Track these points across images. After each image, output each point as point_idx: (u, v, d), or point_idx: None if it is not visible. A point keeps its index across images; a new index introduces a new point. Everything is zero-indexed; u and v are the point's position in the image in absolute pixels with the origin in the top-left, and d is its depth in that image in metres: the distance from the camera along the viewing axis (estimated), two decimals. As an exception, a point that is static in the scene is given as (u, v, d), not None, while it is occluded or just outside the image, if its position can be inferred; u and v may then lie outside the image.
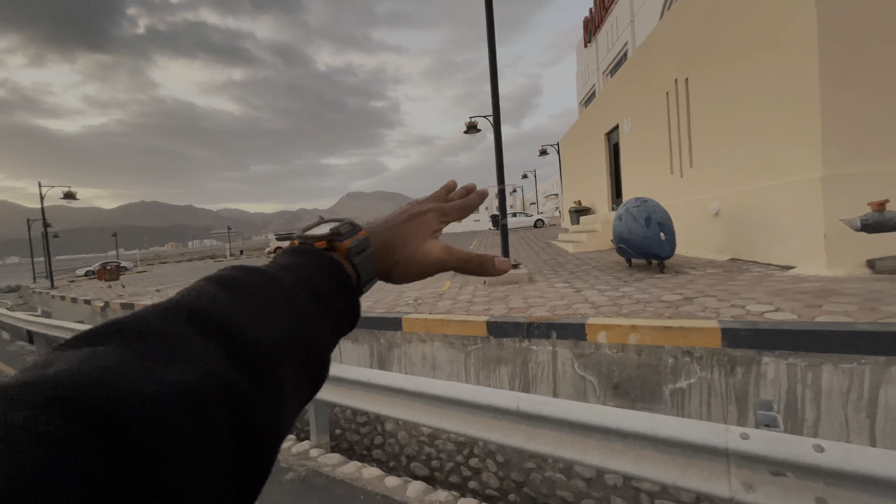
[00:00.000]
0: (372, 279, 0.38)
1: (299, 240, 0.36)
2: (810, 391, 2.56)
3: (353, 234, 0.37)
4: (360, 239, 0.37)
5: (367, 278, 0.37)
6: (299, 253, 0.35)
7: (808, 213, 4.64)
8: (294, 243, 0.36)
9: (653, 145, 8.77)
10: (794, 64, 4.80)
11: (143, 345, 0.21)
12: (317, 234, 0.36)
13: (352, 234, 0.37)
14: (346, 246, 0.36)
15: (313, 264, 0.34)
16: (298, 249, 0.35)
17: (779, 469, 1.42)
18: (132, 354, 0.20)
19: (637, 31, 18.66)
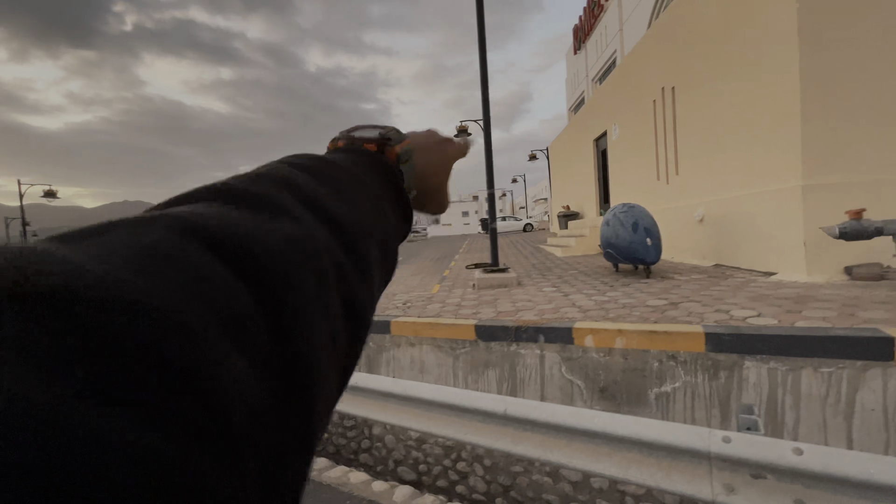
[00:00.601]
0: (410, 191, 0.37)
1: (345, 140, 0.35)
2: (790, 395, 2.62)
3: (400, 140, 0.35)
4: (407, 147, 0.36)
5: (408, 188, 0.36)
6: (352, 151, 0.34)
7: (789, 220, 4.76)
8: (339, 143, 0.35)
9: (640, 152, 8.91)
10: (776, 75, 4.93)
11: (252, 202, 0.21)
12: (366, 137, 0.35)
13: (399, 140, 0.35)
14: (395, 151, 0.35)
15: (367, 162, 0.32)
16: (349, 148, 0.34)
17: (759, 471, 1.46)
18: (243, 210, 0.20)
19: (626, 40, 18.98)
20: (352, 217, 0.26)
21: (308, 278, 0.19)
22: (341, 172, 0.29)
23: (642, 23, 17.09)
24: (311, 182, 0.26)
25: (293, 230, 0.20)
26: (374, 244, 0.27)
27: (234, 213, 0.19)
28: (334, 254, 0.22)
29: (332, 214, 0.24)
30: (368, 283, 0.25)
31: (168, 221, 0.17)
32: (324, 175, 0.27)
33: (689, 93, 6.91)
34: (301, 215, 0.22)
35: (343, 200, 0.26)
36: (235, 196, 0.21)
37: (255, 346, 0.16)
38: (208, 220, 0.18)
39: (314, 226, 0.22)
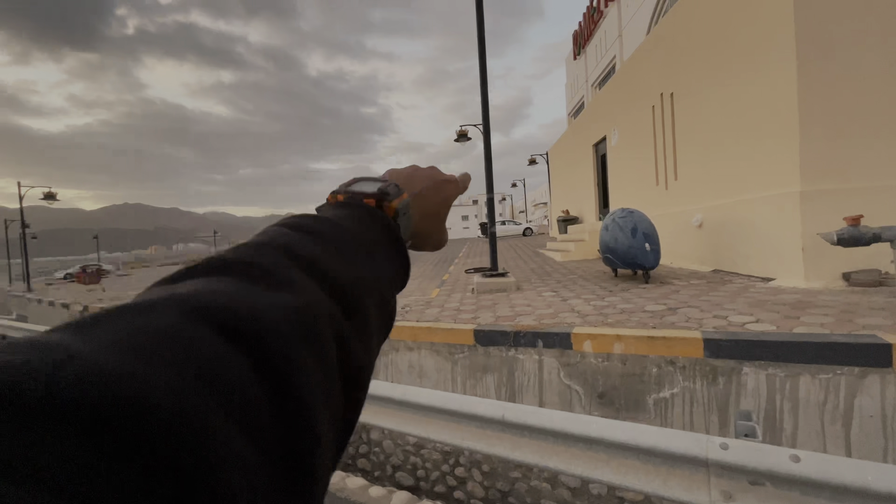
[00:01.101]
0: (407, 241, 0.38)
1: (345, 195, 0.36)
2: (788, 401, 2.62)
3: (398, 195, 0.37)
4: (405, 202, 0.37)
5: (405, 240, 0.38)
6: (351, 206, 0.35)
7: (787, 226, 4.77)
8: (339, 198, 0.36)
9: (639, 157, 8.94)
10: (774, 81, 4.96)
11: (253, 274, 0.22)
12: (366, 191, 0.36)
13: (398, 195, 0.37)
14: (393, 207, 0.36)
15: (368, 218, 0.34)
16: (349, 203, 0.35)
17: (757, 479, 1.45)
18: (245, 282, 0.21)
19: (625, 46, 19.09)
20: (352, 278, 0.26)
21: (309, 354, 0.20)
22: (342, 232, 0.30)
23: (641, 29, 17.20)
24: (313, 245, 0.27)
25: (296, 301, 0.21)
26: (373, 303, 0.28)
27: (240, 287, 0.20)
28: (335, 320, 0.23)
29: (334, 278, 0.25)
30: (367, 344, 0.26)
31: (179, 304, 0.18)
32: (325, 237, 0.28)
33: (687, 98, 6.94)
34: (303, 284, 0.23)
35: (344, 261, 0.27)
36: (241, 268, 0.22)
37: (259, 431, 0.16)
38: (217, 299, 0.19)
39: (316, 293, 0.23)
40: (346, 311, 0.24)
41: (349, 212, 0.34)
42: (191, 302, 0.18)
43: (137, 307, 0.17)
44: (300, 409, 0.18)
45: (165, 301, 0.18)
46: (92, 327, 0.16)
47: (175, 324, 0.17)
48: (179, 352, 0.16)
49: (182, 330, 0.17)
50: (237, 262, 0.22)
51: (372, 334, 0.27)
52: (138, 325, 0.16)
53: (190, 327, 0.17)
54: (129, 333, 0.16)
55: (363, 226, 0.32)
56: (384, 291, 0.30)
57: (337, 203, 0.35)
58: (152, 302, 0.18)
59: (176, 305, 0.18)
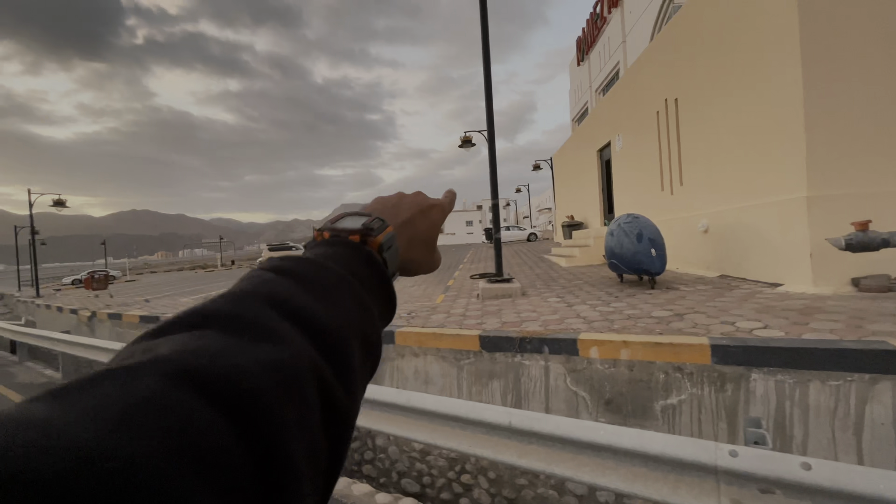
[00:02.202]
0: (396, 272, 0.39)
1: (330, 232, 0.37)
2: (798, 408, 2.59)
3: (383, 229, 0.37)
4: (390, 235, 0.38)
5: (393, 271, 0.38)
6: (336, 244, 0.35)
7: (794, 231, 4.74)
8: (325, 235, 0.36)
9: (644, 162, 8.93)
10: (780, 86, 4.95)
11: (236, 327, 0.22)
12: (350, 228, 0.37)
13: (382, 229, 0.37)
14: (378, 241, 0.36)
15: (354, 256, 0.34)
16: (334, 241, 0.36)
17: (767, 487, 1.44)
18: (228, 336, 0.21)
19: (629, 51, 19.14)
20: (336, 323, 0.27)
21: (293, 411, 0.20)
22: (325, 273, 0.30)
23: (645, 34, 17.24)
24: (296, 291, 0.27)
25: (279, 355, 0.21)
26: (357, 344, 0.28)
27: (222, 343, 0.20)
28: (319, 371, 0.23)
29: (318, 325, 0.25)
30: (351, 388, 0.26)
31: (160, 368, 0.18)
32: (308, 280, 0.28)
33: (692, 104, 6.94)
34: (286, 335, 0.23)
35: (328, 305, 0.27)
36: (223, 322, 0.22)
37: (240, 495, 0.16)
38: (198, 360, 0.19)
39: (299, 344, 0.23)
40: (331, 359, 0.24)
41: (334, 250, 0.34)
42: (172, 365, 0.18)
43: (118, 373, 0.17)
44: (284, 473, 0.18)
45: (146, 365, 0.18)
46: (71, 395, 0.16)
47: (157, 390, 0.17)
48: (161, 421, 0.16)
49: (163, 397, 0.16)
50: (219, 315, 0.22)
51: (356, 379, 0.27)
52: (119, 393, 0.16)
53: (172, 393, 0.17)
54: (109, 402, 0.15)
55: (348, 264, 0.33)
56: (369, 331, 0.30)
57: (322, 241, 0.36)
58: (133, 367, 0.18)
59: (157, 370, 0.18)
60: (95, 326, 9.09)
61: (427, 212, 0.44)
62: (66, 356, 6.06)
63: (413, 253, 0.42)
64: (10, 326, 8.41)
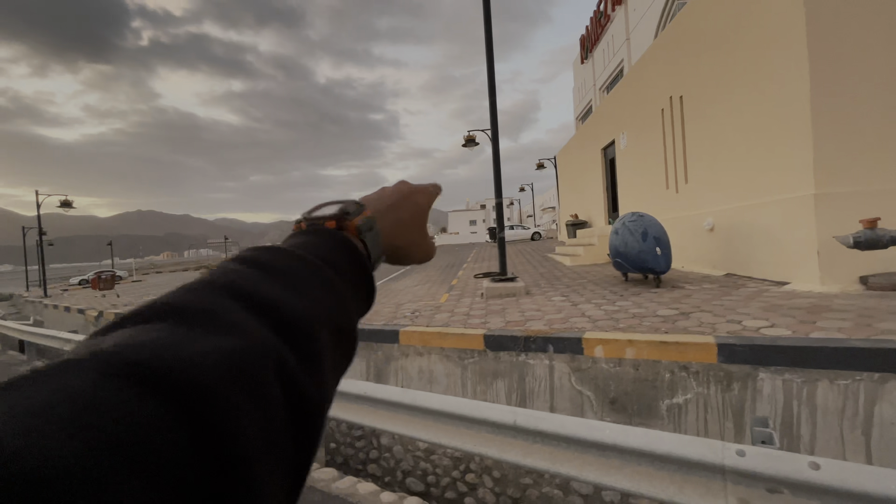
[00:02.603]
0: (379, 257, 0.39)
1: (307, 221, 0.36)
2: (806, 408, 2.57)
3: (359, 212, 0.37)
4: (367, 217, 0.37)
5: (376, 255, 0.38)
6: (311, 233, 0.35)
7: (801, 229, 4.70)
8: (302, 225, 0.36)
9: (648, 161, 8.89)
10: (786, 83, 4.91)
11: (190, 318, 0.21)
12: (326, 215, 0.36)
13: (359, 212, 0.37)
14: (355, 223, 0.36)
15: (327, 242, 0.34)
16: (310, 230, 0.35)
17: (775, 486, 1.43)
18: (181, 328, 0.20)
19: (633, 49, 19.04)
20: (303, 310, 0.26)
21: (248, 401, 0.19)
22: (295, 262, 0.29)
23: (649, 32, 17.15)
24: (260, 279, 0.26)
25: (234, 345, 0.20)
26: (328, 333, 0.27)
27: (173, 335, 0.20)
28: (280, 360, 0.22)
29: (282, 313, 0.24)
30: (319, 377, 0.25)
31: (98, 363, 0.17)
32: (275, 268, 0.28)
33: (697, 101, 6.90)
34: (245, 324, 0.22)
35: (295, 292, 0.26)
36: (178, 314, 0.21)
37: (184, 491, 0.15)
38: (141, 352, 0.18)
39: (259, 333, 0.22)
40: (296, 349, 0.24)
41: (307, 239, 0.33)
42: (112, 358, 0.17)
43: (55, 369, 0.17)
44: (236, 465, 0.17)
45: (85, 360, 0.17)
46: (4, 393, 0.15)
47: (91, 385, 0.16)
48: (92, 416, 0.15)
49: (98, 391, 0.16)
50: (174, 308, 0.22)
51: (326, 368, 0.26)
52: (51, 390, 0.15)
53: (107, 387, 0.16)
54: (40, 400, 0.15)
55: (321, 251, 0.32)
56: (342, 319, 0.30)
57: (298, 231, 0.35)
58: (71, 362, 0.17)
59: (95, 364, 0.17)
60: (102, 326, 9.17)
61: (410, 196, 0.43)
62: (74, 356, 6.11)
63: (400, 238, 0.41)
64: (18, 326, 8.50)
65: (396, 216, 0.41)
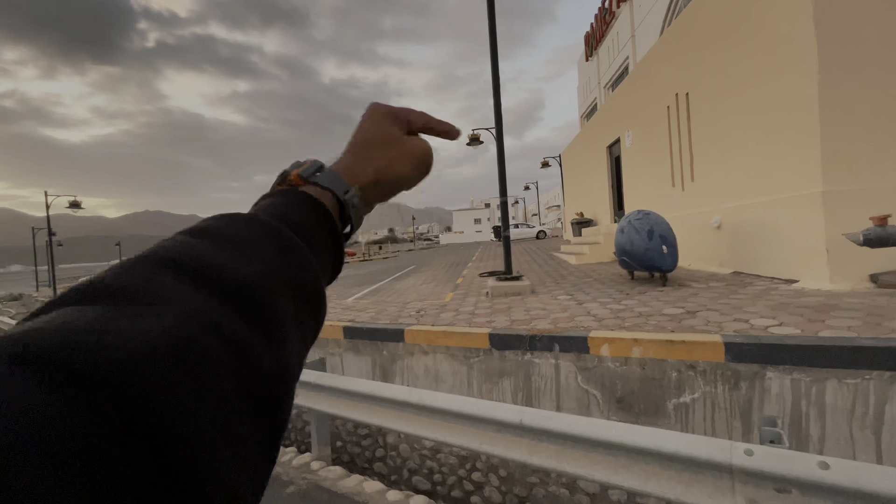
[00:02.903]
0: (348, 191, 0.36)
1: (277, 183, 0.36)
2: (815, 407, 2.55)
3: (298, 166, 0.36)
4: (311, 164, 0.36)
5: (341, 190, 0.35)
6: (265, 197, 0.34)
7: (810, 227, 4.65)
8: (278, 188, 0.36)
9: (654, 158, 8.83)
10: (794, 80, 4.86)
11: (113, 298, 0.20)
12: (276, 181, 0.36)
13: (298, 166, 0.36)
14: (295, 174, 0.35)
15: (275, 201, 0.32)
16: (264, 195, 0.35)
17: (783, 486, 1.42)
18: (101, 309, 0.19)
19: (638, 46, 18.91)
20: (252, 275, 0.24)
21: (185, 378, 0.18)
22: (247, 226, 0.28)
23: (655, 29, 17.03)
24: (205, 248, 0.25)
25: (165, 322, 0.19)
26: (287, 294, 0.26)
27: (98, 316, 0.18)
28: (227, 329, 0.21)
29: (228, 280, 0.23)
30: (279, 346, 0.23)
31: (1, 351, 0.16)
32: (224, 236, 0.26)
33: (704, 98, 6.84)
34: (183, 296, 0.21)
35: (244, 258, 0.25)
36: (103, 293, 0.20)
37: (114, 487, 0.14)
38: (48, 337, 0.16)
39: (199, 302, 0.21)
40: (245, 315, 0.22)
41: (266, 202, 0.33)
42: (17, 345, 0.16)
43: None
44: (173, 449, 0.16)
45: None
46: None
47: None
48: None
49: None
50: (105, 286, 0.20)
51: (288, 334, 0.24)
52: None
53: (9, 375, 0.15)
54: None
55: (280, 211, 0.31)
56: (304, 278, 0.28)
57: (259, 198, 0.34)
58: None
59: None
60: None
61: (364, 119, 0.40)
62: (84, 355, 6.20)
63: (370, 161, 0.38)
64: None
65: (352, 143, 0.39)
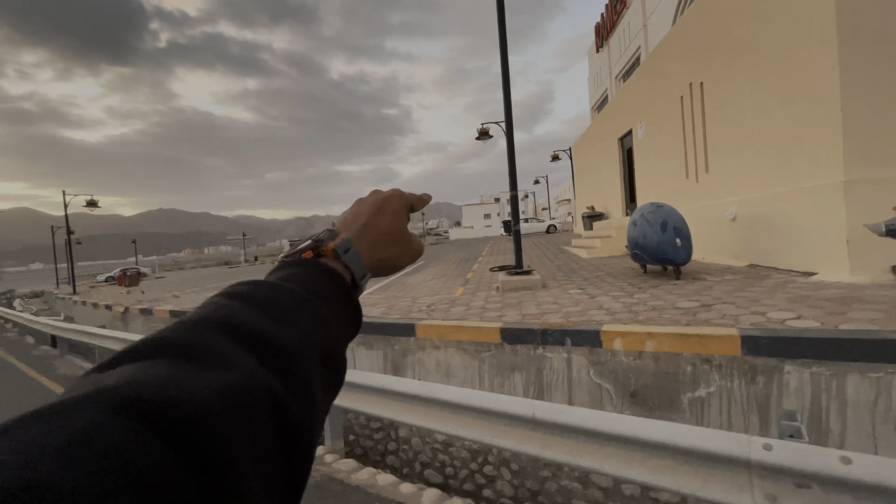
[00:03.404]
0: (365, 276, 0.40)
1: (285, 258, 0.38)
2: (836, 401, 2.49)
3: (333, 237, 0.39)
4: (343, 240, 0.39)
5: (360, 274, 0.39)
6: (290, 265, 0.36)
7: (830, 218, 4.53)
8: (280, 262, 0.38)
9: (667, 150, 8.68)
10: (814, 66, 4.72)
11: (185, 354, 0.22)
12: (302, 247, 0.38)
13: (332, 237, 0.39)
14: (330, 247, 0.38)
15: (306, 272, 0.35)
16: (289, 262, 0.37)
17: (804, 481, 1.39)
18: (177, 364, 0.21)
19: (650, 36, 18.56)
20: (292, 341, 0.27)
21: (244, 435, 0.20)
22: (281, 294, 0.31)
23: (667, 17, 16.67)
24: (250, 313, 0.28)
25: (230, 380, 0.22)
26: (317, 361, 0.29)
27: (171, 371, 0.21)
28: (272, 391, 0.23)
29: (271, 346, 0.26)
30: (310, 404, 0.26)
31: (105, 400, 0.18)
32: (263, 302, 0.29)
33: (718, 87, 6.69)
34: (238, 359, 0.23)
35: (283, 324, 0.28)
36: (174, 350, 0.22)
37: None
38: (143, 390, 0.19)
39: (251, 367, 0.24)
40: (286, 380, 0.25)
41: (290, 271, 0.35)
42: (117, 396, 0.18)
43: (63, 407, 0.17)
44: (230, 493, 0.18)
45: (89, 397, 0.18)
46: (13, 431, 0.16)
47: (98, 423, 0.16)
48: (102, 454, 0.15)
49: (105, 429, 0.16)
50: (170, 344, 0.23)
51: (316, 393, 0.27)
52: (60, 427, 0.16)
53: (114, 425, 0.17)
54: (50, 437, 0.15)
55: (305, 282, 0.33)
56: (331, 347, 0.31)
57: (281, 265, 0.37)
58: (76, 399, 0.18)
59: (102, 401, 0.17)
60: (129, 321, 9.46)
61: (383, 205, 0.44)
62: (102, 350, 6.34)
63: (383, 251, 0.42)
64: (51, 322, 8.84)
65: (372, 230, 0.42)
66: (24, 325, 11.08)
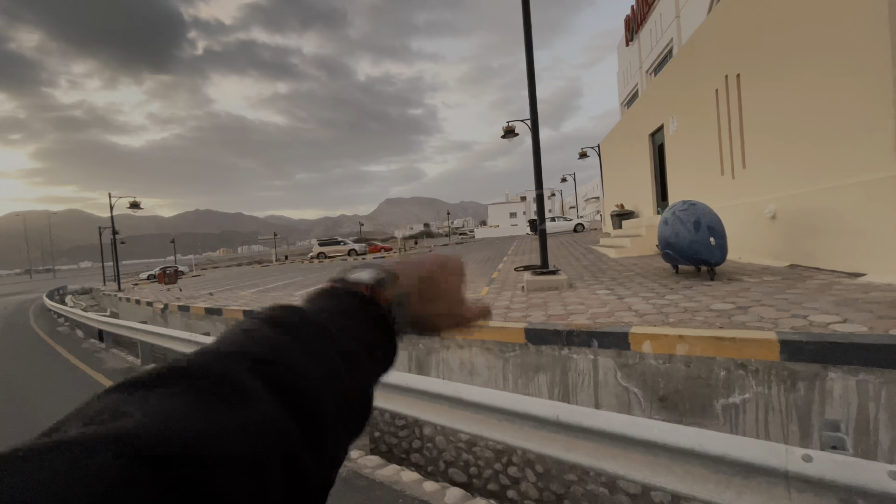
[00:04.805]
0: (404, 329, 0.38)
1: (341, 283, 0.37)
2: (885, 411, 2.33)
3: (392, 282, 0.37)
4: (401, 293, 0.37)
5: (400, 329, 0.38)
6: (343, 296, 0.35)
7: (880, 215, 4.25)
8: (336, 285, 0.37)
9: (701, 145, 8.35)
10: (863, 56, 4.43)
11: (206, 388, 0.23)
12: (361, 281, 0.37)
13: (391, 282, 0.37)
14: (388, 298, 0.36)
15: (358, 313, 0.34)
16: (342, 293, 0.36)
17: (848, 497, 1.31)
18: (194, 398, 0.22)
19: (683, 27, 17.90)
20: (315, 383, 0.27)
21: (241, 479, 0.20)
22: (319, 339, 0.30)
23: (702, 7, 16.03)
24: (281, 347, 0.27)
25: (240, 417, 0.22)
26: (338, 404, 0.28)
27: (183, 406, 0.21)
28: (287, 439, 0.23)
29: (291, 385, 0.26)
30: (322, 449, 0.26)
31: (115, 445, 0.18)
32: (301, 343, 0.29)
33: (757, 79, 6.38)
34: (257, 399, 0.23)
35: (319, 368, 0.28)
36: (196, 379, 0.23)
37: None
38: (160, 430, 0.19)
39: (269, 408, 0.24)
40: (302, 422, 0.25)
41: (339, 303, 0.34)
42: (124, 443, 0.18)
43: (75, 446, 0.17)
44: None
45: (104, 440, 0.18)
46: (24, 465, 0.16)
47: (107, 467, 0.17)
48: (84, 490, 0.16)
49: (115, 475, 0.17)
50: (195, 375, 0.23)
51: (329, 440, 0.27)
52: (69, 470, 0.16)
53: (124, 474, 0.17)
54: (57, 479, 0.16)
55: (351, 319, 0.33)
56: (358, 392, 0.31)
57: (331, 291, 0.36)
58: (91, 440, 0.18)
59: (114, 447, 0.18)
60: (168, 317, 9.93)
61: (445, 264, 0.42)
62: (144, 344, 6.67)
63: (432, 306, 0.40)
64: (97, 317, 9.38)
65: (432, 286, 0.40)
66: (74, 320, 11.81)
